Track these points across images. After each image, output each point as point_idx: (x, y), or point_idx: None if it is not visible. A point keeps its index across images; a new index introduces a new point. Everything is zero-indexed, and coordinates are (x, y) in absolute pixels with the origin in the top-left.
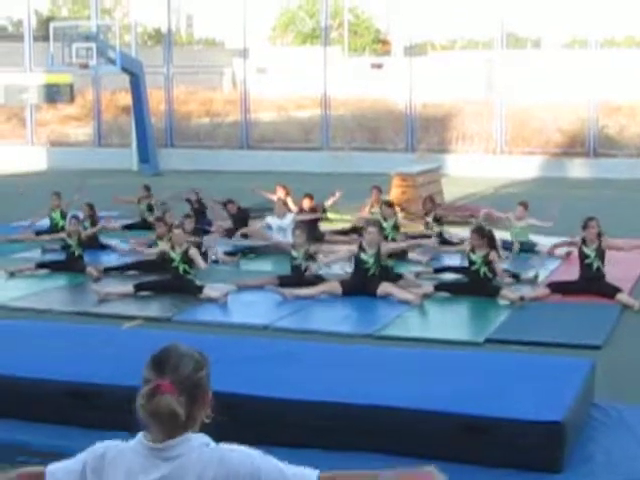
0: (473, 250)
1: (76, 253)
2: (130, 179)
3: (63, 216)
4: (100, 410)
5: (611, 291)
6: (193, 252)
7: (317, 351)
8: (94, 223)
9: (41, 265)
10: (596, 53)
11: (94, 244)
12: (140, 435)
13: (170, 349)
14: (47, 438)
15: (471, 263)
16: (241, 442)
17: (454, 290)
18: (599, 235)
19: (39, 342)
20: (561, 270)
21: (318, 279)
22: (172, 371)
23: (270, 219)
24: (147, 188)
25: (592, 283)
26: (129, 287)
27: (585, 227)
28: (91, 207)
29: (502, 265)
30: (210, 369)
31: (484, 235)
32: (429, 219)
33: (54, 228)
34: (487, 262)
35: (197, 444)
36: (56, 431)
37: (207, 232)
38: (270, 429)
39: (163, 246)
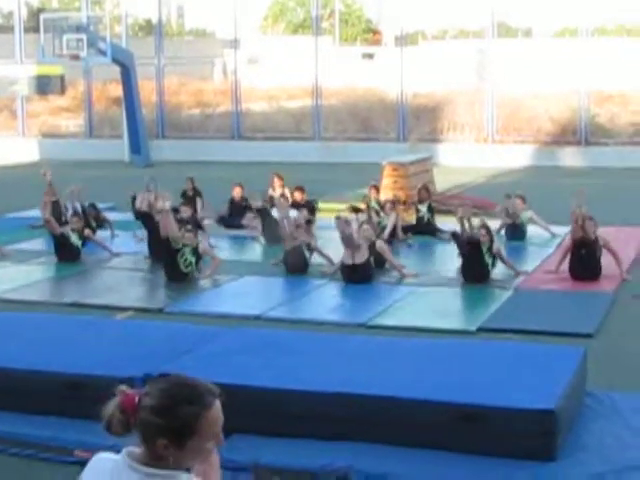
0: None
1: (75, 245)
2: (122, 170)
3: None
4: (92, 401)
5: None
6: (203, 248)
7: (309, 341)
8: (99, 223)
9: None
10: (587, 42)
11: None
12: (124, 451)
13: (175, 378)
14: (41, 429)
15: None
16: (234, 432)
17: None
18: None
19: (31, 334)
20: (555, 259)
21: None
22: (147, 394)
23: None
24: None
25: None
26: None
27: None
28: (94, 207)
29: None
30: (182, 424)
31: (489, 230)
32: (422, 208)
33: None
34: (492, 254)
35: None
36: (49, 422)
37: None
38: (262, 419)
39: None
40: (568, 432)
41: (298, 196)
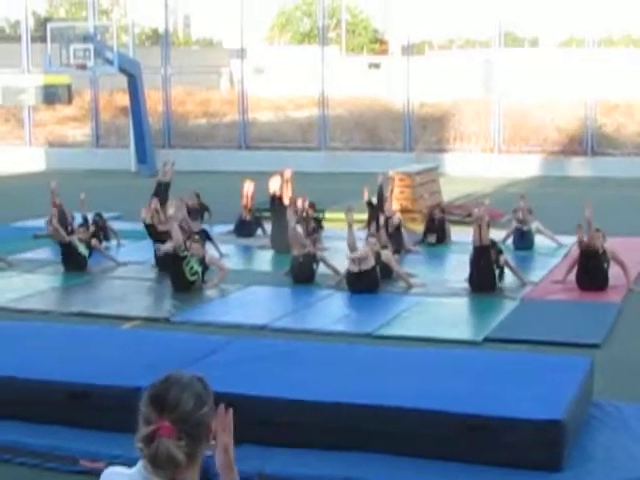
0: None
1: (82, 255)
2: (128, 180)
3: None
4: (99, 411)
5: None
6: (209, 259)
7: (315, 351)
8: (105, 234)
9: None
10: (593, 52)
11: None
12: (140, 465)
13: (170, 382)
14: (46, 439)
15: None
16: (240, 443)
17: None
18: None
19: (38, 343)
20: (562, 269)
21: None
22: (172, 409)
23: None
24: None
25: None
26: None
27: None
28: (100, 217)
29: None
30: (212, 400)
31: (495, 243)
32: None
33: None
34: (499, 265)
35: None
36: (55, 432)
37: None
38: (268, 429)
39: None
40: (574, 443)
41: (309, 212)
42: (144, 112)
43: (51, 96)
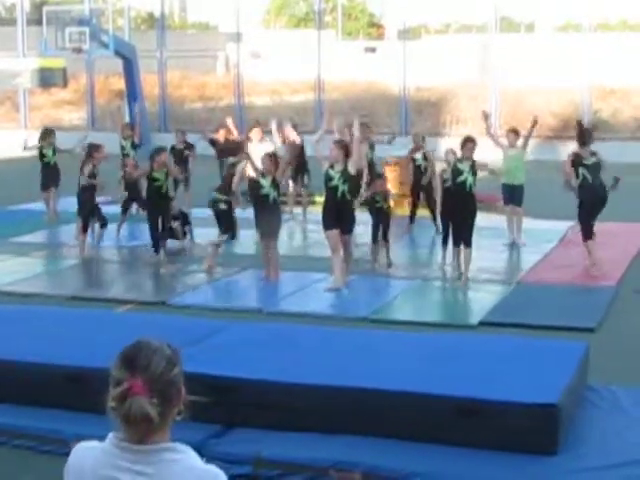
0: (460, 161)
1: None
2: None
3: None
4: (95, 394)
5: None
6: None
7: (311, 334)
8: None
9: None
10: (590, 37)
11: None
12: (111, 435)
13: (140, 345)
14: (42, 422)
15: (459, 173)
16: (236, 426)
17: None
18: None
19: (32, 326)
20: (556, 254)
21: None
22: (143, 370)
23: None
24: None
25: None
26: None
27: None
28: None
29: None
30: (182, 365)
31: (474, 142)
32: (418, 156)
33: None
34: (474, 172)
35: (180, 456)
36: (49, 415)
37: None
38: (265, 413)
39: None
40: (569, 426)
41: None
42: (140, 96)
43: (47, 79)
